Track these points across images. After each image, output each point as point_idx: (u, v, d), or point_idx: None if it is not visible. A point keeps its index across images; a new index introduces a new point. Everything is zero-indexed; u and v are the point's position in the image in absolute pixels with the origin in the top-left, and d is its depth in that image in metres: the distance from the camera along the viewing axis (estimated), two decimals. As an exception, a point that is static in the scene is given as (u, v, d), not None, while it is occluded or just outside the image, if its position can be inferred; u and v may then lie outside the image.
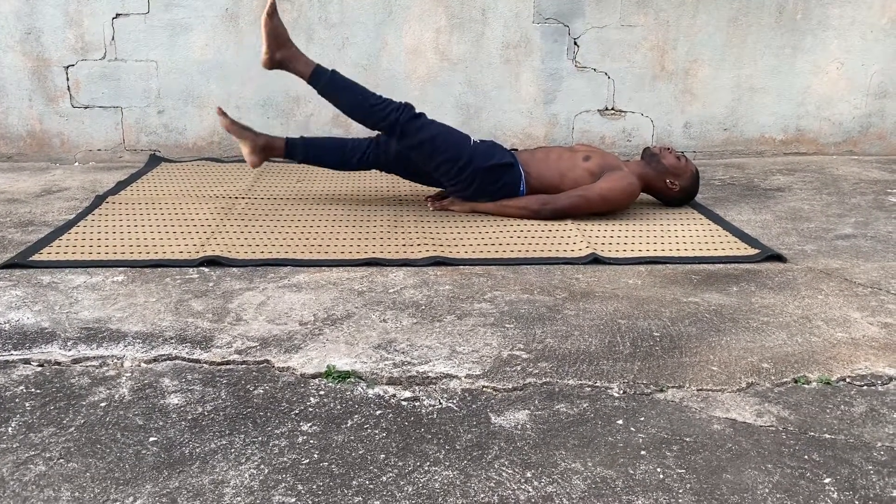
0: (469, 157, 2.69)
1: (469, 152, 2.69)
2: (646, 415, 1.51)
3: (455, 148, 2.69)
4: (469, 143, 2.72)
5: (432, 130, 2.68)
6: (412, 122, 2.66)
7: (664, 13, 3.56)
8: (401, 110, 2.65)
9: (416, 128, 2.66)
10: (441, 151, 2.68)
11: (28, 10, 3.44)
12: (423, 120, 2.68)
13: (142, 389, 1.59)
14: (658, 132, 3.71)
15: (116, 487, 1.28)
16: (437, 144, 2.67)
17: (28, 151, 3.63)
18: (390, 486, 1.29)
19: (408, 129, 2.66)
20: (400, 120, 2.64)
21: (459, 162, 2.68)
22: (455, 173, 2.71)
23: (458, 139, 2.71)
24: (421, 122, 2.67)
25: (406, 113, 2.66)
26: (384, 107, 2.65)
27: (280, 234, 2.55)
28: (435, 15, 3.53)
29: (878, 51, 3.66)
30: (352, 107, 2.69)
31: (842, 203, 3.01)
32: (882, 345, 1.82)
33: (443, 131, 2.70)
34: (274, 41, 2.64)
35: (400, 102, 2.68)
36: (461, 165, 2.69)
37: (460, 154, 2.68)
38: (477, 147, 2.73)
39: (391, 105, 2.66)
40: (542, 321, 1.92)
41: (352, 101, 2.68)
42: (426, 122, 2.69)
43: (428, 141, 2.67)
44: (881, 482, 1.32)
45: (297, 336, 1.83)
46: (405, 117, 2.65)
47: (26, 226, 2.65)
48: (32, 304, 2.00)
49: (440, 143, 2.68)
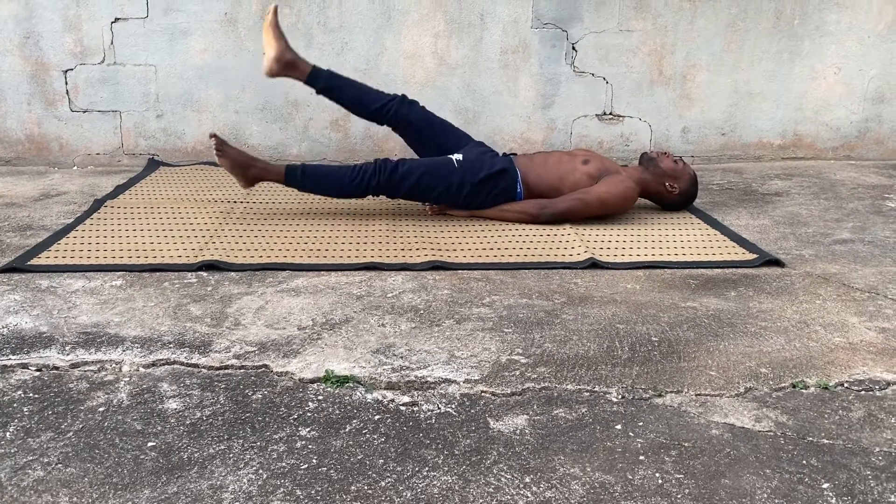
0: (459, 179, 2.71)
1: (459, 175, 2.71)
2: (644, 420, 1.52)
3: (443, 178, 2.71)
4: (453, 166, 2.72)
5: (415, 174, 2.69)
6: (392, 177, 2.67)
7: (662, 18, 3.56)
8: (377, 171, 2.67)
9: (398, 181, 2.68)
10: (432, 188, 2.71)
11: (27, 14, 3.44)
12: (402, 168, 2.68)
13: (140, 394, 1.59)
14: (656, 137, 3.72)
15: (115, 492, 1.28)
16: (424, 185, 2.70)
17: (27, 155, 3.63)
18: (389, 492, 1.29)
19: (392, 185, 2.69)
20: (381, 182, 2.67)
21: (452, 188, 2.72)
22: (453, 197, 2.74)
23: (442, 169, 2.71)
24: (399, 173, 2.68)
25: (383, 173, 2.67)
26: (361, 176, 2.67)
27: (279, 239, 2.55)
28: (433, 20, 3.53)
29: (875, 56, 3.67)
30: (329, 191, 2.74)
31: (840, 208, 3.01)
32: (880, 349, 1.82)
33: (424, 170, 2.70)
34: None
35: (375, 162, 2.68)
36: (455, 189, 2.72)
37: (450, 181, 2.71)
38: (462, 165, 2.73)
39: (367, 171, 2.67)
40: (540, 326, 1.92)
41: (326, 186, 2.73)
42: (405, 169, 2.68)
43: (415, 187, 2.70)
44: (879, 487, 1.32)
45: (295, 341, 1.83)
46: (384, 178, 2.67)
47: (25, 230, 2.65)
48: (31, 308, 2.00)
49: (426, 182, 2.70)
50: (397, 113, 2.82)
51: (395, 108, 2.82)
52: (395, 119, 2.84)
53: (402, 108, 2.83)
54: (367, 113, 2.85)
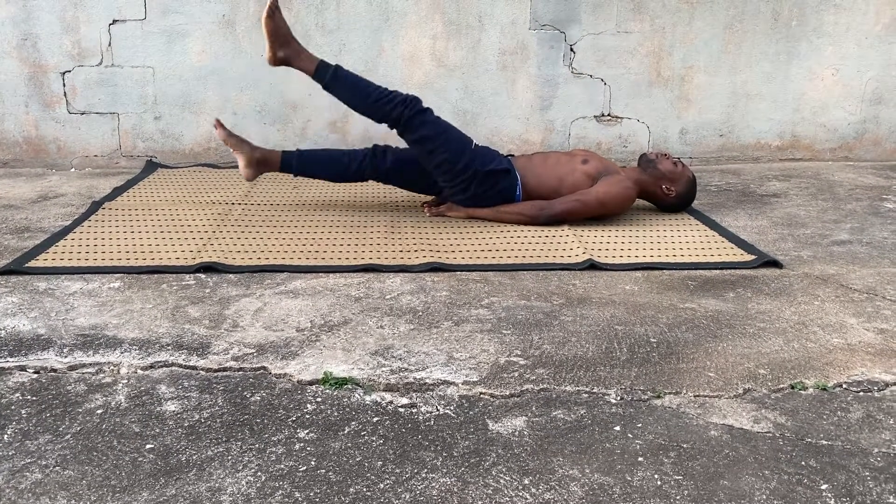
0: (469, 160, 2.69)
1: (469, 155, 2.70)
2: (643, 421, 1.52)
3: (456, 148, 2.69)
4: (470, 146, 2.73)
5: (436, 127, 2.68)
6: (417, 116, 2.66)
7: (660, 20, 3.57)
8: (406, 104, 2.65)
9: (420, 122, 2.66)
10: (442, 150, 2.68)
11: (24, 16, 3.44)
12: (428, 116, 2.68)
13: (138, 396, 1.59)
14: (654, 138, 3.72)
15: (113, 495, 1.28)
16: (438, 142, 2.67)
17: (24, 157, 3.62)
18: (388, 494, 1.29)
19: (411, 124, 2.66)
20: (405, 114, 2.65)
21: (459, 163, 2.69)
22: (454, 174, 2.71)
23: (460, 140, 2.72)
24: (425, 117, 2.67)
25: (411, 107, 2.65)
26: (390, 100, 2.65)
27: (277, 241, 2.55)
28: (432, 21, 3.53)
29: (872, 57, 3.67)
30: (356, 101, 2.70)
31: (837, 209, 3.02)
32: (878, 350, 1.82)
33: (446, 129, 2.71)
34: (276, 40, 2.65)
35: (406, 95, 2.68)
36: (461, 167, 2.69)
37: (461, 155, 2.69)
38: (477, 150, 2.74)
39: (397, 98, 2.66)
40: (539, 327, 1.92)
41: (356, 95, 2.69)
42: (431, 118, 2.69)
43: (430, 137, 2.67)
44: (878, 488, 1.32)
45: (293, 343, 1.83)
46: (410, 112, 2.65)
47: (22, 232, 2.65)
48: (28, 310, 2.00)
49: (442, 140, 2.68)
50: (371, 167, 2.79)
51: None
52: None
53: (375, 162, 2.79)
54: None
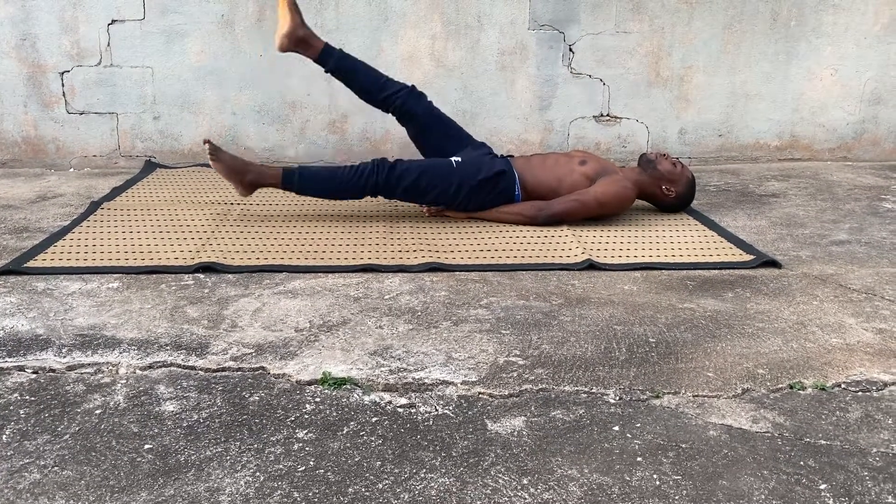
0: (458, 181, 2.70)
1: (458, 176, 2.70)
2: (642, 421, 1.52)
3: (441, 180, 2.70)
4: (452, 168, 2.71)
5: (413, 174, 2.67)
6: (389, 177, 2.66)
7: (659, 20, 3.57)
8: (377, 172, 2.65)
9: (395, 180, 2.67)
10: (429, 189, 2.70)
11: (23, 16, 3.43)
12: (400, 168, 2.67)
13: (137, 396, 1.59)
14: (653, 138, 3.72)
15: (111, 495, 1.28)
16: (421, 185, 2.69)
17: (23, 157, 3.62)
18: (386, 494, 1.29)
19: (389, 184, 2.67)
20: (379, 181, 2.66)
21: (450, 190, 2.71)
22: (450, 199, 2.73)
23: (440, 170, 2.70)
24: (397, 172, 2.66)
25: (381, 172, 2.65)
26: (359, 177, 2.65)
27: (275, 241, 2.55)
28: (430, 21, 3.53)
29: (871, 57, 3.67)
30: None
31: (836, 209, 3.02)
32: (877, 350, 1.82)
33: (423, 169, 2.69)
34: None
35: (374, 163, 2.67)
36: (453, 191, 2.71)
37: (449, 182, 2.70)
38: (461, 166, 2.72)
39: (366, 170, 2.66)
40: (538, 327, 1.92)
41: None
42: (403, 169, 2.67)
43: (412, 187, 2.69)
44: (877, 488, 1.32)
45: (292, 343, 1.83)
46: (382, 177, 2.65)
47: (21, 232, 2.64)
48: (27, 310, 2.00)
49: (424, 181, 2.69)
50: (404, 104, 2.82)
51: (402, 100, 2.81)
52: (401, 110, 2.83)
53: (410, 101, 2.82)
54: (375, 100, 2.85)
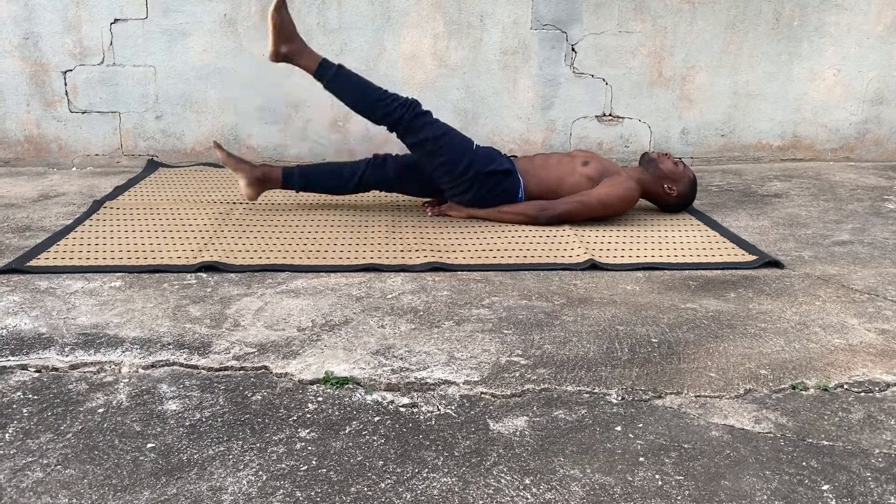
0: (470, 161, 2.69)
1: (471, 156, 2.70)
2: (644, 421, 1.52)
3: (458, 150, 2.69)
4: (471, 147, 2.73)
5: (437, 129, 2.68)
6: (417, 119, 2.66)
7: (661, 20, 3.57)
8: (406, 106, 2.65)
9: (421, 125, 2.66)
10: (443, 151, 2.68)
11: (26, 14, 3.44)
12: (429, 118, 2.69)
13: (139, 395, 1.59)
14: (655, 138, 3.72)
15: (114, 494, 1.28)
16: (440, 144, 2.67)
17: (26, 156, 3.62)
18: (389, 493, 1.29)
19: (412, 126, 2.66)
20: (405, 117, 2.65)
21: (461, 164, 2.69)
22: (456, 175, 2.71)
23: (461, 141, 2.72)
24: (426, 119, 2.68)
25: (411, 110, 2.66)
26: (390, 102, 2.65)
27: (278, 240, 2.55)
28: (433, 21, 3.53)
29: (874, 58, 3.67)
30: (357, 102, 2.69)
31: (839, 209, 3.02)
32: (879, 351, 1.82)
33: (447, 132, 2.71)
34: (280, 34, 2.63)
35: (406, 98, 2.68)
36: (462, 168, 2.69)
37: (462, 156, 2.69)
38: (479, 151, 2.74)
39: (397, 101, 2.66)
40: (540, 327, 1.92)
41: (357, 96, 2.68)
42: (431, 120, 2.69)
43: (431, 139, 2.67)
44: (879, 489, 1.32)
45: (295, 342, 1.83)
46: (410, 114, 2.65)
47: (24, 231, 2.65)
48: (30, 309, 2.00)
49: (444, 142, 2.68)
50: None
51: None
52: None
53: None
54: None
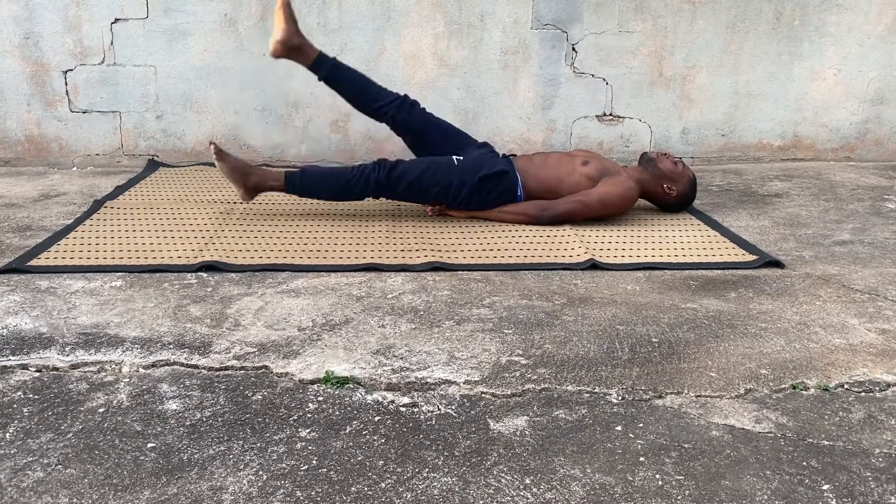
0: (459, 179, 2.70)
1: (458, 174, 2.71)
2: (644, 421, 1.52)
3: (442, 178, 2.70)
4: (454, 166, 2.72)
5: (414, 173, 2.69)
6: (390, 175, 2.67)
7: (662, 19, 3.57)
8: (378, 170, 2.67)
9: (396, 178, 2.68)
10: (430, 187, 2.71)
11: (27, 14, 3.44)
12: (401, 167, 2.69)
13: (140, 395, 1.59)
14: (656, 138, 3.72)
15: (115, 494, 1.28)
16: (423, 183, 2.70)
17: (26, 156, 3.62)
18: (389, 493, 1.29)
19: (391, 183, 2.68)
20: (380, 179, 2.67)
21: (451, 188, 2.71)
22: (452, 197, 2.74)
23: (440, 168, 2.71)
24: (399, 171, 2.68)
25: (382, 171, 2.67)
26: (360, 176, 2.67)
27: (278, 240, 2.55)
28: (433, 21, 3.53)
29: (874, 58, 3.67)
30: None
31: (839, 209, 3.02)
32: (880, 351, 1.82)
33: (424, 167, 2.70)
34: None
35: (376, 162, 2.69)
36: (454, 189, 2.71)
37: (449, 180, 2.70)
38: (462, 164, 2.73)
39: (367, 169, 2.67)
40: (540, 327, 1.92)
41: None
42: (404, 168, 2.69)
43: (414, 184, 2.69)
44: (879, 489, 1.32)
45: (295, 342, 1.83)
46: (383, 175, 2.67)
47: (24, 230, 2.65)
48: (30, 309, 2.00)
49: (425, 181, 2.69)
50: (395, 116, 2.82)
51: (393, 111, 2.82)
52: (394, 121, 2.84)
53: (401, 113, 2.82)
54: (367, 110, 2.86)
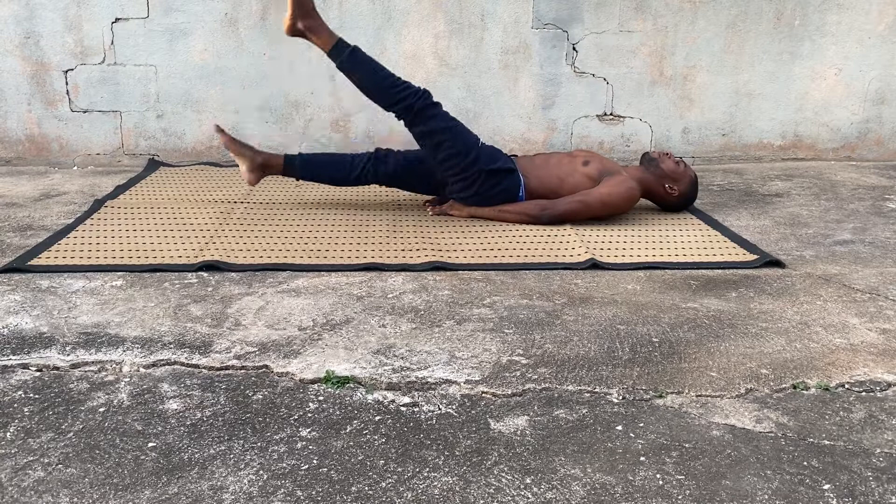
0: (476, 157, 2.70)
1: (476, 152, 2.71)
2: (645, 421, 1.51)
3: (464, 143, 2.70)
4: (478, 144, 2.75)
5: (446, 121, 2.70)
6: (428, 108, 2.67)
7: (663, 19, 3.56)
8: (418, 95, 2.66)
9: (431, 115, 2.67)
10: (450, 144, 2.69)
11: (27, 14, 3.44)
12: (439, 109, 2.70)
13: (140, 395, 1.59)
14: (657, 138, 3.72)
15: (115, 493, 1.28)
16: (447, 136, 2.69)
17: (27, 156, 3.62)
18: (389, 493, 1.29)
19: (422, 115, 2.67)
20: (416, 105, 2.65)
21: (466, 159, 2.70)
22: (460, 169, 2.72)
23: (468, 136, 2.73)
24: (436, 110, 2.69)
25: (423, 99, 2.67)
26: (402, 89, 2.66)
27: (279, 239, 2.55)
28: (434, 20, 3.53)
29: (875, 57, 3.67)
30: (369, 85, 2.68)
31: (840, 209, 3.01)
32: (880, 350, 1.82)
33: (455, 125, 2.72)
34: (299, 8, 2.64)
35: (419, 88, 2.69)
36: (467, 163, 2.70)
37: (468, 151, 2.70)
38: (484, 149, 2.75)
39: (410, 89, 2.67)
40: (541, 327, 1.92)
41: (370, 79, 2.68)
42: (441, 112, 2.70)
43: (439, 131, 2.68)
44: (880, 488, 1.32)
45: (296, 341, 1.83)
46: (421, 103, 2.66)
47: (25, 230, 2.65)
48: (31, 308, 2.00)
49: (451, 135, 2.69)
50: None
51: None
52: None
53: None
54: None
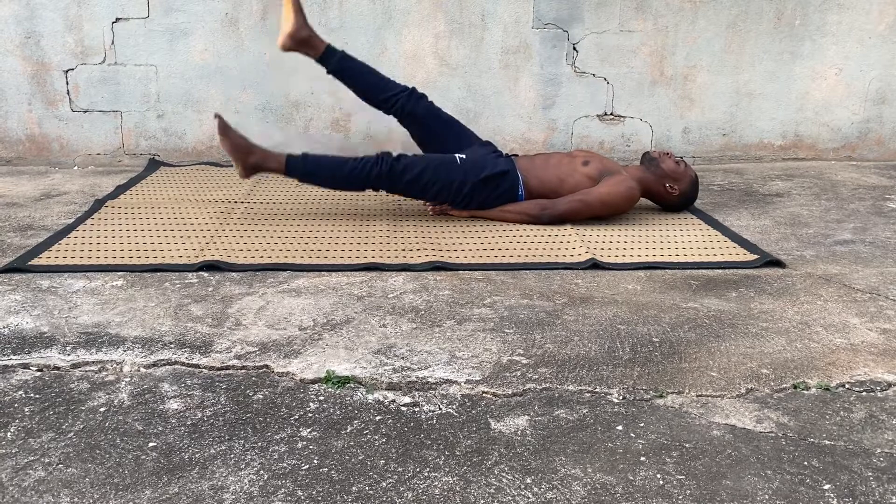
0: (461, 177, 2.70)
1: (460, 172, 2.70)
2: (645, 421, 1.52)
3: (444, 175, 2.70)
4: (456, 164, 2.72)
5: (416, 168, 2.68)
6: (393, 169, 2.66)
7: (663, 19, 3.56)
8: (380, 163, 2.66)
9: (400, 172, 2.67)
10: (432, 183, 2.70)
11: (28, 14, 3.44)
12: (404, 161, 2.68)
13: (141, 394, 1.59)
14: (657, 137, 3.72)
15: (116, 493, 1.28)
16: (425, 180, 2.69)
17: (27, 155, 3.62)
18: (390, 492, 1.29)
19: (393, 176, 2.67)
20: (382, 173, 2.66)
21: (453, 185, 2.71)
22: (453, 195, 2.73)
23: (443, 166, 2.71)
24: (401, 165, 2.67)
25: (384, 164, 2.66)
26: (362, 168, 2.65)
27: (279, 239, 2.55)
28: (434, 20, 3.53)
29: (875, 57, 3.67)
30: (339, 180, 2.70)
31: (840, 208, 3.01)
32: (881, 350, 1.82)
33: (426, 163, 2.70)
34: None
35: (375, 155, 2.68)
36: (456, 187, 2.71)
37: (451, 178, 2.70)
38: (465, 163, 2.72)
39: (369, 162, 2.66)
40: (541, 326, 1.92)
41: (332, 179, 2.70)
42: (407, 162, 2.68)
43: (415, 180, 2.69)
44: (881, 488, 1.32)
45: (296, 341, 1.83)
46: (385, 168, 2.66)
47: (25, 230, 2.65)
48: (31, 308, 2.00)
49: (428, 177, 2.69)
50: (403, 107, 2.82)
51: (401, 101, 2.82)
52: (401, 112, 2.84)
53: (409, 103, 2.82)
54: (375, 101, 2.86)
